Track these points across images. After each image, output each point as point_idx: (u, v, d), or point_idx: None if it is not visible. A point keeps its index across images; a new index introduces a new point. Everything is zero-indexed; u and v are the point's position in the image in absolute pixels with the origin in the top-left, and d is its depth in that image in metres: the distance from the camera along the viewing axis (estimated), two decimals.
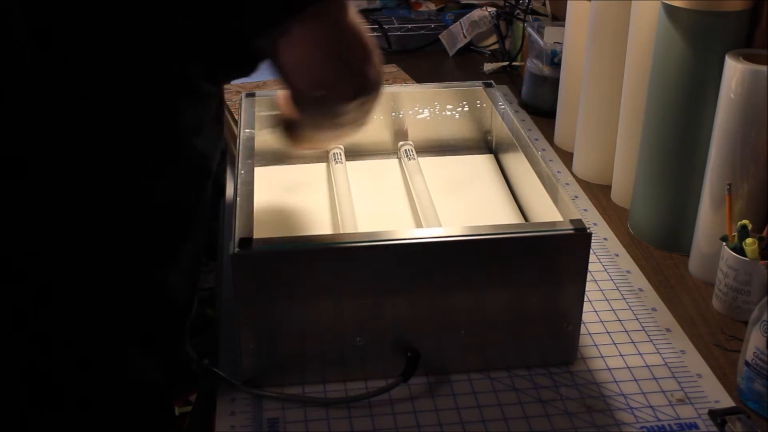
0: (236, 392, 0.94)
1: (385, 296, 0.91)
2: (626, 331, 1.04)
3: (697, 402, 0.94)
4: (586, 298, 0.97)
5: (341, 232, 1.04)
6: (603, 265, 1.17)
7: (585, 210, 1.31)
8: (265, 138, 1.22)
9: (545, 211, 1.01)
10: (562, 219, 0.95)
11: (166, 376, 0.90)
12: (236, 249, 0.88)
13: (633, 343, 1.03)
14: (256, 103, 1.22)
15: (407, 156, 1.23)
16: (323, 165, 1.25)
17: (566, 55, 1.48)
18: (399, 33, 2.03)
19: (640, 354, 1.01)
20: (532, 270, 0.93)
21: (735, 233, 1.05)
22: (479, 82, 1.30)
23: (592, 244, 0.94)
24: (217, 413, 0.92)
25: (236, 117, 1.28)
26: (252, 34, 0.76)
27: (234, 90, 1.65)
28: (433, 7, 2.13)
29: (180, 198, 0.85)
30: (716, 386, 0.96)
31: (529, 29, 1.65)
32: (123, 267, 0.81)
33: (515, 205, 1.15)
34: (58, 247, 0.77)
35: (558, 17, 1.75)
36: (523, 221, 1.12)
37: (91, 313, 0.81)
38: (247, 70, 0.83)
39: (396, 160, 1.27)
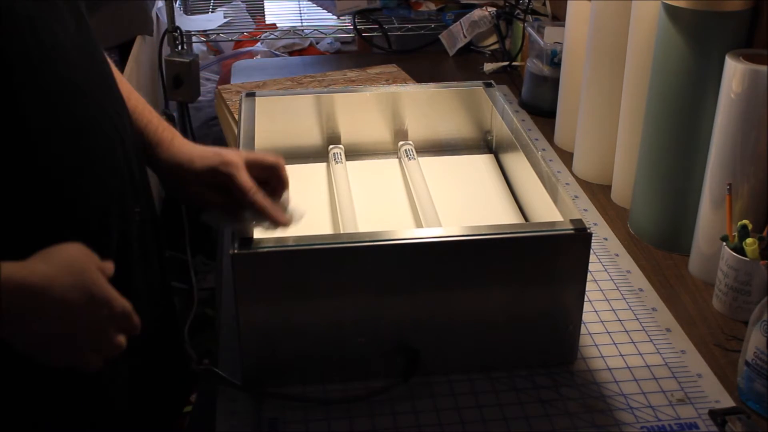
0: (236, 392, 0.94)
1: (385, 296, 0.91)
2: (626, 331, 1.04)
3: (697, 402, 0.94)
4: (586, 298, 0.97)
5: (341, 232, 1.04)
6: (603, 265, 1.17)
7: (585, 210, 1.31)
8: (265, 138, 1.22)
9: (545, 211, 1.01)
10: (562, 219, 0.95)
11: None
12: (236, 249, 0.88)
13: (633, 343, 1.03)
14: (256, 103, 1.22)
15: (407, 156, 1.23)
16: (323, 165, 1.25)
17: (566, 55, 1.48)
18: (399, 33, 2.03)
19: (640, 354, 1.01)
20: (532, 270, 0.93)
21: (735, 233, 1.05)
22: (479, 82, 1.30)
23: (592, 244, 0.94)
24: (217, 413, 0.92)
25: (236, 117, 1.28)
26: None
27: (234, 90, 1.65)
28: (433, 7, 2.13)
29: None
30: (716, 386, 0.96)
31: (529, 29, 1.66)
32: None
33: (515, 205, 1.15)
34: None
35: (558, 17, 1.75)
36: (523, 221, 1.12)
37: None
38: None
39: (396, 160, 1.27)
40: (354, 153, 1.27)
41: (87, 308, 0.74)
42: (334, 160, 1.22)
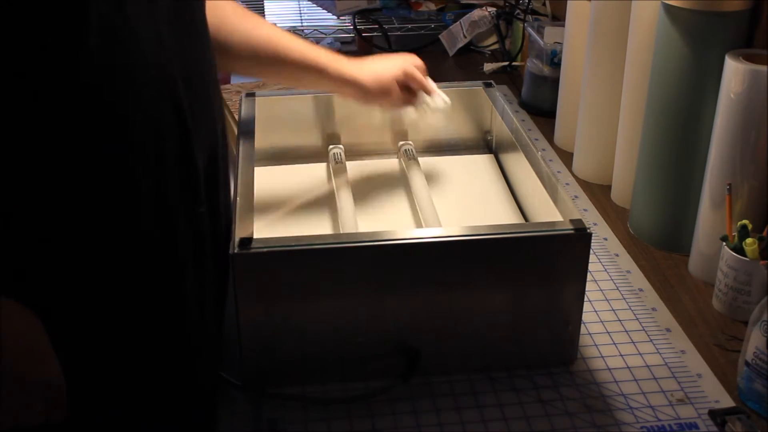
0: (236, 392, 0.94)
1: (386, 296, 0.91)
2: (626, 331, 1.04)
3: (697, 402, 0.94)
4: (586, 298, 0.97)
5: (341, 232, 1.04)
6: (603, 265, 1.17)
7: (585, 210, 1.31)
8: (265, 138, 1.22)
9: (545, 211, 1.01)
10: (562, 219, 0.95)
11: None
12: (236, 249, 0.88)
13: (633, 343, 1.03)
14: (256, 102, 1.22)
15: (407, 156, 1.23)
16: (323, 165, 1.25)
17: (566, 55, 1.48)
18: (399, 33, 2.03)
19: (640, 354, 1.01)
20: (532, 270, 0.93)
21: (735, 233, 1.05)
22: (479, 82, 1.30)
23: (592, 244, 0.94)
24: (217, 413, 0.92)
25: (236, 117, 1.28)
26: None
27: (234, 90, 1.65)
28: (433, 7, 2.13)
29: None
30: (716, 386, 0.96)
31: (529, 29, 1.66)
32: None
33: (515, 205, 1.15)
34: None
35: (558, 17, 1.75)
36: (523, 221, 1.12)
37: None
38: None
39: (396, 160, 1.27)
40: (354, 153, 1.27)
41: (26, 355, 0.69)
42: (334, 160, 1.22)
